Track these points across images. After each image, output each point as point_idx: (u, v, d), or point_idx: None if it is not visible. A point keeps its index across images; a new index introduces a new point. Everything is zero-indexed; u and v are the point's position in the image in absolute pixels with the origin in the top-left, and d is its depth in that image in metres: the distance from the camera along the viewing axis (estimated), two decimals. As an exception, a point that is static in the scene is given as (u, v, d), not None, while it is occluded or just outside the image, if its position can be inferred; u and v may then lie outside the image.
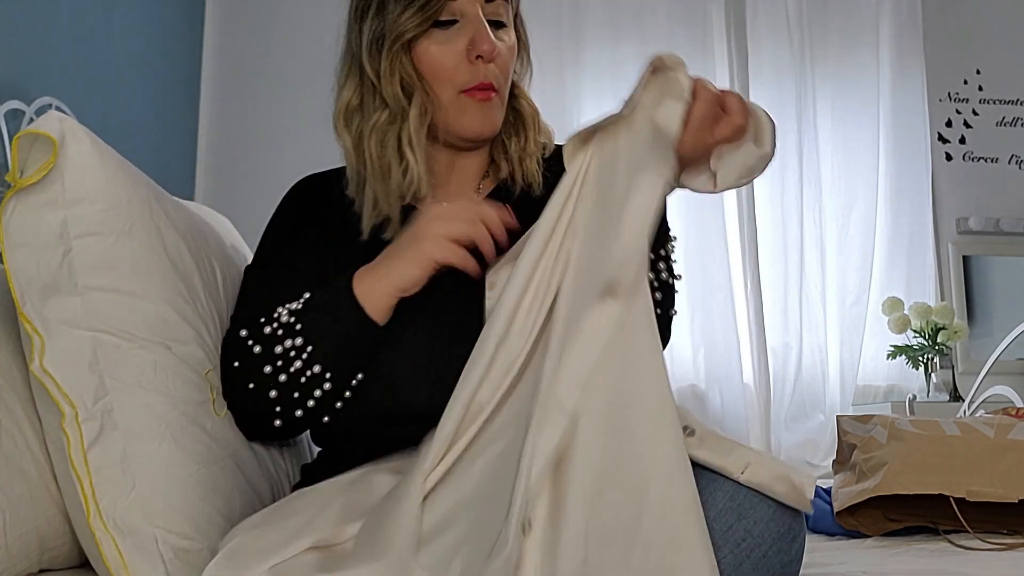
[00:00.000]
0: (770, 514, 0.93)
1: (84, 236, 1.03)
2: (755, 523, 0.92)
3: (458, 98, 1.19)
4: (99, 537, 0.99)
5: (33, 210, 1.01)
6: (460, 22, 1.17)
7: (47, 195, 1.01)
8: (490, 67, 1.18)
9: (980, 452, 1.70)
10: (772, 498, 0.94)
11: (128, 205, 1.07)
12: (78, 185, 1.03)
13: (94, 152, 1.05)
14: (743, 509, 0.92)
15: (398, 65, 1.17)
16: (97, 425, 1.01)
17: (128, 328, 1.04)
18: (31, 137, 1.01)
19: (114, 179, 1.07)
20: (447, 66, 1.17)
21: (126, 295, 1.05)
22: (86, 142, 1.05)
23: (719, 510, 0.91)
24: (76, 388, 1.00)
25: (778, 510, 0.94)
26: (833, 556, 1.48)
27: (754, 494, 0.93)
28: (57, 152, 1.01)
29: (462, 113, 1.19)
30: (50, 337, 1.00)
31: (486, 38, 1.16)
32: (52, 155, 1.01)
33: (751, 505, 0.92)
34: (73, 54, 2.28)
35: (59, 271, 1.02)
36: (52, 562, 1.09)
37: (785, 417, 3.33)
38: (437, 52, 1.17)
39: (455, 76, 1.17)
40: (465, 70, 1.17)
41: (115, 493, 1.00)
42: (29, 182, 1.00)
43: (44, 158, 1.01)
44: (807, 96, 3.51)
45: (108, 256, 1.04)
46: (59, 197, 1.02)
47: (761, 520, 0.92)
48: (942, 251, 3.67)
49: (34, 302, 1.01)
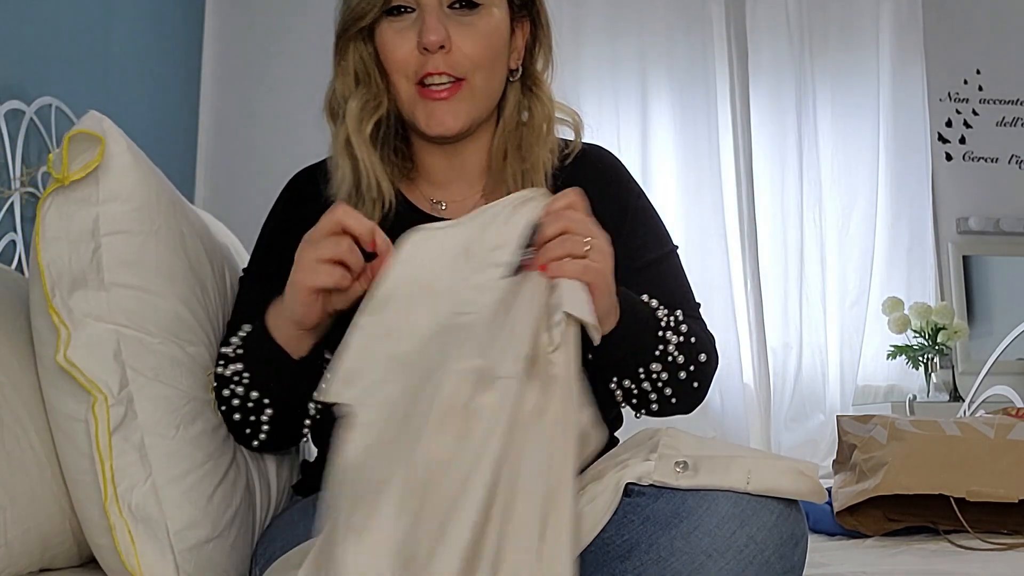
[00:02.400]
0: (773, 520, 0.92)
1: (114, 233, 1.05)
2: (758, 529, 0.91)
3: (415, 92, 1.13)
4: (113, 521, 1.01)
5: (70, 206, 1.04)
6: (416, 10, 1.11)
7: (83, 192, 1.04)
8: (448, 57, 1.11)
9: (980, 452, 1.70)
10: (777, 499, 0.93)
11: (157, 207, 1.10)
12: (112, 184, 1.05)
13: (129, 153, 1.08)
14: (746, 516, 0.91)
15: (352, 55, 1.13)
16: (122, 411, 1.03)
17: (148, 325, 1.06)
18: (76, 135, 1.04)
19: (145, 180, 1.09)
20: (398, 58, 1.11)
21: (148, 293, 1.07)
22: (122, 143, 1.07)
23: (722, 517, 0.90)
24: (102, 376, 1.02)
25: (781, 515, 0.93)
26: (833, 556, 1.48)
27: (757, 500, 0.92)
28: (103, 151, 1.04)
29: (417, 109, 1.14)
30: (76, 329, 1.02)
31: (432, 28, 1.09)
32: (98, 154, 1.04)
33: (754, 511, 0.92)
34: (73, 54, 2.28)
35: (88, 266, 1.04)
36: (53, 561, 1.09)
37: (785, 417, 3.33)
38: (390, 41, 1.12)
39: (406, 67, 1.12)
40: (416, 60, 1.11)
41: (132, 480, 1.02)
42: (74, 178, 1.03)
43: (87, 156, 1.04)
44: (807, 96, 3.51)
45: (135, 254, 1.07)
46: (93, 195, 1.04)
47: (764, 526, 0.91)
48: (942, 251, 3.67)
49: (63, 295, 1.03)
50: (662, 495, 0.93)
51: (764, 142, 3.46)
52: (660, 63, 3.40)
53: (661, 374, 1.08)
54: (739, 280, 3.32)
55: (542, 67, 1.22)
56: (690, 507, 0.91)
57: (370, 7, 1.12)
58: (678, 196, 3.32)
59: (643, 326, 1.07)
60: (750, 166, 3.39)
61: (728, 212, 3.34)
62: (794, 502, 0.96)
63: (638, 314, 1.07)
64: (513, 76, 1.20)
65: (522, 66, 1.21)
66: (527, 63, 1.22)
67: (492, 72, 1.15)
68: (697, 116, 3.37)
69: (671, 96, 3.39)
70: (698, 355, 1.10)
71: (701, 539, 0.90)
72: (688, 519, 0.91)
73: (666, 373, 1.08)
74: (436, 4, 1.11)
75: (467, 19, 1.12)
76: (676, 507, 0.91)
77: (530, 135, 1.18)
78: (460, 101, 1.13)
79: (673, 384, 1.09)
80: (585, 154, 1.23)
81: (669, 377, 1.09)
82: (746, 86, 3.44)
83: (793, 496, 0.94)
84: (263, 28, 3.24)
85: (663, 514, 0.92)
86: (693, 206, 3.30)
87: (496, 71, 1.16)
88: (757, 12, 3.53)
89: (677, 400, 1.11)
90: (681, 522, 0.91)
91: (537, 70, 1.22)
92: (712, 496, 0.91)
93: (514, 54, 1.20)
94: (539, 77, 1.22)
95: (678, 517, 0.91)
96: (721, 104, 3.40)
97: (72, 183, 1.03)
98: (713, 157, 3.33)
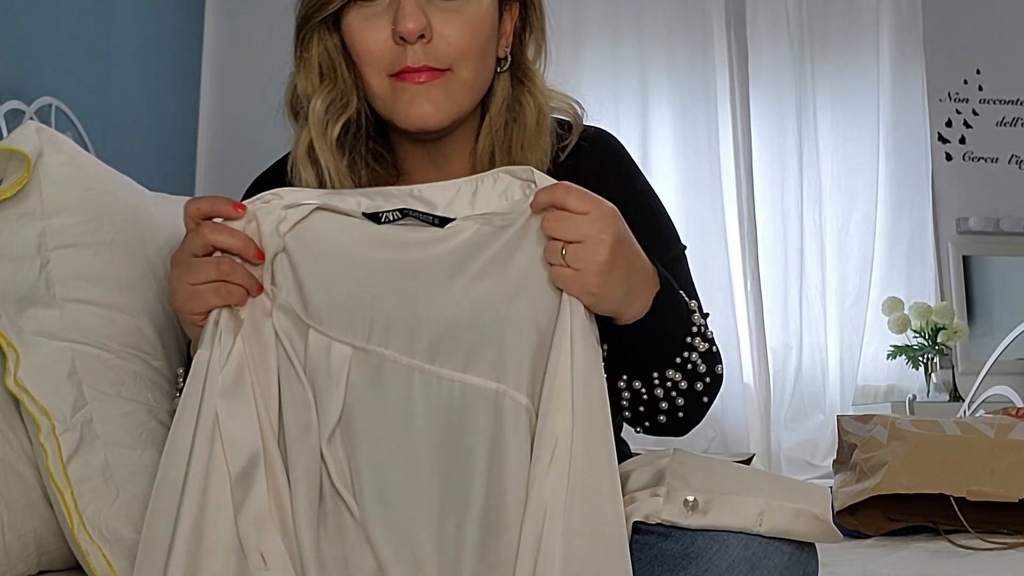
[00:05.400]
0: (785, 561, 0.90)
1: (62, 248, 1.02)
2: (769, 572, 0.89)
3: (389, 84, 0.99)
4: (85, 548, 0.98)
5: (9, 222, 1.00)
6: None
7: (24, 207, 1.01)
8: (429, 48, 0.97)
9: (980, 452, 1.70)
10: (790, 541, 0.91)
11: (109, 216, 1.06)
12: (56, 197, 1.02)
13: (74, 163, 1.04)
14: (757, 559, 0.89)
15: (316, 47, 1.01)
16: (76, 436, 0.99)
17: (106, 340, 1.03)
18: (6, 153, 1.01)
19: (95, 190, 1.06)
20: (369, 48, 0.98)
21: (105, 307, 1.04)
22: (66, 153, 1.04)
23: (732, 561, 0.88)
24: (53, 400, 0.99)
25: (792, 556, 0.91)
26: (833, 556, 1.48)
27: (768, 542, 0.89)
28: (31, 168, 1.00)
29: (394, 101, 0.99)
30: (26, 350, 0.99)
31: (409, 15, 0.95)
32: (26, 170, 1.00)
33: (765, 554, 0.89)
34: (73, 54, 2.28)
35: (36, 283, 1.01)
36: (51, 564, 1.08)
37: (785, 417, 3.33)
38: (360, 30, 0.98)
39: (380, 59, 0.98)
40: (391, 53, 0.97)
41: (99, 503, 0.99)
42: (5, 196, 1.00)
43: (20, 172, 1.00)
44: (807, 96, 3.51)
45: (87, 268, 1.03)
46: (37, 209, 1.01)
47: (775, 569, 0.89)
48: (942, 251, 3.67)
49: (10, 315, 0.99)
50: (671, 534, 0.90)
51: (764, 142, 3.46)
52: (660, 64, 3.40)
53: (680, 383, 0.97)
54: (739, 280, 3.31)
55: (533, 55, 1.08)
56: (699, 548, 0.89)
57: None
58: (678, 196, 3.32)
59: (674, 324, 0.96)
60: (750, 166, 3.39)
61: (728, 212, 3.34)
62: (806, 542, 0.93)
63: (673, 309, 0.96)
64: (501, 66, 1.05)
65: (511, 54, 1.06)
66: (516, 50, 1.07)
67: (481, 63, 1.01)
68: (697, 116, 3.37)
69: (671, 96, 3.39)
70: (715, 366, 0.99)
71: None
72: (697, 561, 0.88)
73: (685, 382, 0.97)
74: None
75: (449, 4, 0.98)
76: (685, 547, 0.89)
77: (520, 136, 1.04)
78: (441, 87, 0.99)
79: (688, 395, 0.98)
80: (583, 148, 1.09)
81: (687, 387, 0.97)
82: (746, 86, 3.44)
83: (806, 539, 0.92)
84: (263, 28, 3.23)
85: (672, 555, 0.89)
86: (693, 206, 3.30)
87: (485, 61, 1.02)
88: (757, 13, 3.52)
89: (685, 415, 0.99)
90: (690, 564, 0.88)
91: (528, 58, 1.07)
92: (723, 537, 0.89)
93: (502, 40, 1.05)
94: (530, 66, 1.07)
95: (687, 559, 0.88)
96: (721, 104, 3.40)
97: (6, 200, 0.99)
98: (713, 157, 3.33)
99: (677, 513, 0.89)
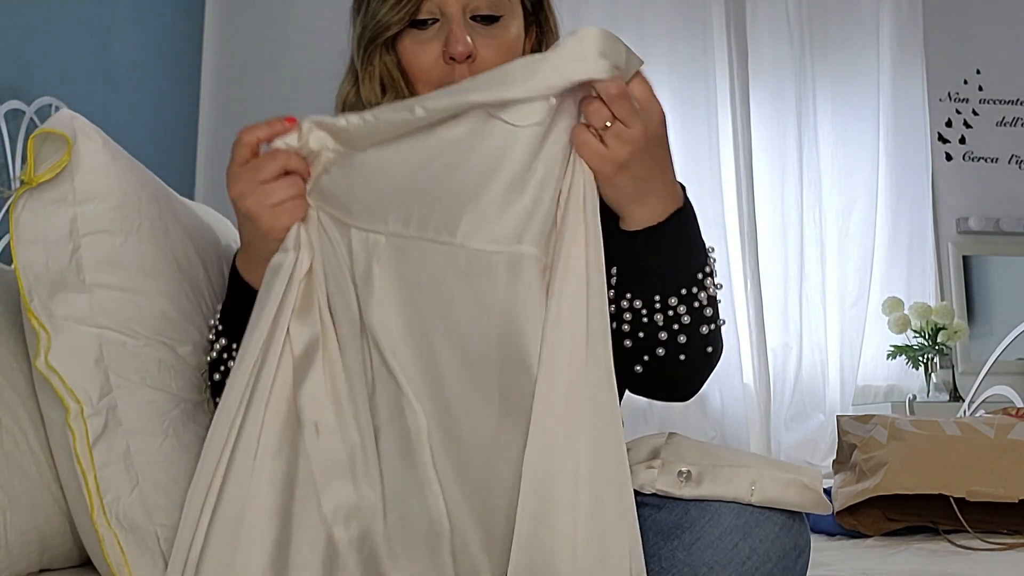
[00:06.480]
0: (776, 531, 0.92)
1: (93, 234, 1.04)
2: (760, 541, 0.91)
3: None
4: (102, 533, 1.00)
5: (44, 207, 1.03)
6: (440, 21, 1.12)
7: (57, 193, 1.03)
8: (474, 67, 1.11)
9: (980, 452, 1.70)
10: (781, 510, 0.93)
11: (138, 204, 1.08)
12: (88, 183, 1.04)
13: (105, 151, 1.06)
14: (749, 527, 0.91)
15: (378, 63, 1.15)
16: (102, 421, 1.01)
17: (133, 326, 1.05)
18: (44, 136, 1.03)
19: (124, 178, 1.08)
20: (422, 67, 1.13)
21: (132, 293, 1.06)
22: (98, 141, 1.06)
23: (724, 528, 0.90)
24: (82, 384, 1.01)
25: (784, 527, 0.93)
26: (833, 556, 1.48)
27: (760, 511, 0.92)
28: (71, 150, 1.02)
29: None
30: (56, 333, 1.01)
31: (459, 39, 1.10)
32: (65, 153, 1.02)
33: (757, 523, 0.92)
34: (73, 54, 2.28)
35: (68, 268, 1.03)
36: (52, 562, 1.09)
37: (785, 417, 3.33)
38: (413, 52, 1.13)
39: (429, 77, 1.12)
40: (440, 71, 1.12)
41: (119, 489, 1.01)
42: (42, 179, 1.01)
43: (57, 156, 1.02)
44: (807, 96, 3.50)
45: (116, 254, 1.05)
46: (69, 195, 1.03)
47: (767, 538, 0.91)
48: (942, 251, 3.67)
49: (42, 298, 1.02)
50: (664, 505, 0.93)
51: (764, 142, 3.46)
52: (660, 63, 3.40)
53: (683, 317, 0.97)
54: (739, 280, 3.31)
55: None
56: (692, 518, 0.91)
57: (397, 19, 1.12)
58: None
59: (688, 249, 1.00)
60: (750, 166, 3.39)
61: (728, 212, 3.33)
62: (797, 513, 0.95)
63: (690, 234, 1.00)
64: None
65: None
66: None
67: None
68: (697, 116, 3.36)
69: (671, 96, 3.39)
70: (718, 319, 1.02)
71: (703, 551, 0.90)
72: (690, 530, 0.91)
73: (688, 317, 0.97)
74: (460, 15, 1.11)
75: (489, 30, 1.13)
76: (679, 518, 0.92)
77: None
78: None
79: (689, 333, 0.98)
80: None
81: (690, 323, 0.97)
82: (746, 86, 3.44)
83: (797, 508, 0.94)
84: (263, 28, 3.24)
85: (665, 524, 0.92)
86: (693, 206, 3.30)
87: None
88: (757, 12, 3.52)
89: (686, 359, 0.99)
90: (683, 533, 0.91)
91: None
92: (715, 507, 0.91)
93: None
94: None
95: (680, 528, 0.91)
96: (721, 104, 3.40)
97: (41, 184, 1.01)
98: (713, 157, 3.33)
99: (671, 483, 0.93)
